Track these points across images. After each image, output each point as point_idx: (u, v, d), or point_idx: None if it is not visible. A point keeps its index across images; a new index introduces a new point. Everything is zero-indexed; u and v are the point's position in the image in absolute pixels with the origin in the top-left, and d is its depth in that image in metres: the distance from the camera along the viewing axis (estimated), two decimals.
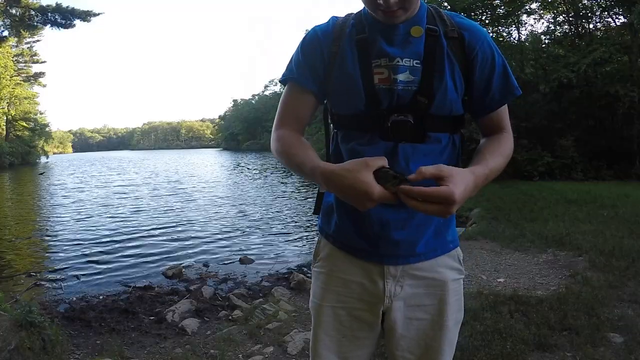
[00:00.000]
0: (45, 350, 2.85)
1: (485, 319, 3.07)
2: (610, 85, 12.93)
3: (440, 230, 1.07)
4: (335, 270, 1.10)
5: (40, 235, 8.78)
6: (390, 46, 0.98)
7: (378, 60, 0.98)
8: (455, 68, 0.99)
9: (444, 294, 1.07)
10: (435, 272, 1.06)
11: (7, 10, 24.85)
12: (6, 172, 31.87)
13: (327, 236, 1.14)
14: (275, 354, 2.89)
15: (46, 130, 52.76)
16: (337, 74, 1.02)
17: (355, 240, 1.06)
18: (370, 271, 1.06)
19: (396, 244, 1.02)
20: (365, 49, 0.99)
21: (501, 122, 1.07)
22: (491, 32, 16.76)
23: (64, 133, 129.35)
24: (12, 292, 4.93)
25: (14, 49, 40.07)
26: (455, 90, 0.99)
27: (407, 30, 0.98)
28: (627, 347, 2.59)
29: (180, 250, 7.09)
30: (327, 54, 1.02)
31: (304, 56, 1.05)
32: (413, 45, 0.98)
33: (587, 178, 12.91)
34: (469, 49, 1.00)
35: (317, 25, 1.07)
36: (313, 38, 1.05)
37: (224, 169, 29.93)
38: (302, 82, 1.05)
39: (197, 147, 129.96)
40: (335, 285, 1.10)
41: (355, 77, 0.99)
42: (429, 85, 0.97)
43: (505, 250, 5.27)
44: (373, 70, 0.98)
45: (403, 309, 1.07)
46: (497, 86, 1.02)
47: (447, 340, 1.09)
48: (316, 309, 1.13)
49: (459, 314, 1.11)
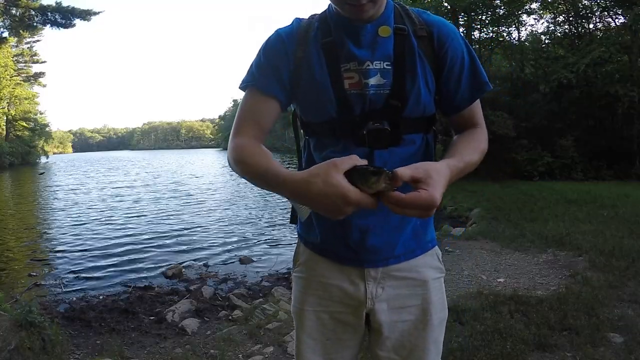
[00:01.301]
0: (45, 350, 2.85)
1: (485, 319, 3.07)
2: (610, 85, 12.94)
3: (418, 231, 1.06)
4: (315, 275, 1.09)
5: (40, 235, 8.78)
6: (358, 48, 0.94)
7: (347, 64, 0.94)
8: (426, 68, 0.96)
9: (427, 293, 1.06)
10: (415, 272, 1.06)
11: (7, 10, 24.84)
12: (6, 172, 31.89)
13: (305, 242, 1.12)
14: (275, 354, 2.89)
15: (46, 130, 52.77)
16: (305, 79, 0.97)
17: (335, 247, 1.05)
18: (351, 274, 1.05)
19: (376, 249, 1.01)
20: (334, 53, 0.95)
21: (473, 117, 1.04)
22: (491, 32, 16.77)
23: (64, 133, 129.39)
24: (12, 292, 4.93)
25: (14, 49, 40.08)
26: (428, 91, 0.96)
27: (375, 30, 0.94)
28: (627, 347, 2.59)
29: (180, 250, 7.10)
30: (293, 58, 0.97)
31: (267, 60, 0.99)
32: (382, 46, 0.94)
33: (587, 178, 12.92)
34: (439, 47, 0.97)
35: (280, 28, 1.01)
36: (277, 41, 0.99)
37: (224, 169, 29.93)
38: (265, 87, 0.98)
39: (197, 147, 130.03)
40: (315, 289, 1.08)
41: (324, 83, 0.95)
42: (402, 88, 0.94)
43: (505, 250, 5.27)
44: (343, 75, 0.94)
45: (387, 311, 1.06)
46: (466, 83, 0.99)
47: (432, 339, 1.08)
48: (298, 314, 1.12)
49: (442, 313, 1.10)
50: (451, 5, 15.58)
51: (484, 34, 16.96)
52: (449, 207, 9.40)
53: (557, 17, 16.96)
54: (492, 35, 16.80)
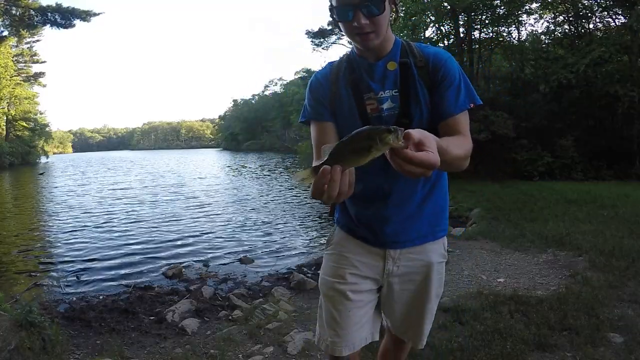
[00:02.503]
0: (45, 350, 2.85)
1: (485, 319, 3.07)
2: (610, 85, 12.92)
3: (432, 221, 1.38)
4: (344, 252, 1.42)
5: (40, 235, 8.78)
6: (373, 82, 1.27)
7: (368, 94, 1.27)
8: (424, 90, 1.25)
9: (430, 272, 1.40)
10: (425, 255, 1.40)
11: (7, 10, 24.84)
12: (6, 172, 31.88)
13: (341, 226, 1.46)
14: (275, 354, 2.89)
15: (46, 130, 52.66)
16: (339, 107, 1.30)
17: (362, 231, 1.39)
18: (375, 254, 1.39)
19: (394, 234, 1.35)
20: (357, 87, 1.28)
21: (457, 126, 1.24)
22: (491, 32, 16.76)
23: (64, 133, 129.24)
24: (12, 292, 4.93)
25: (14, 49, 40.02)
26: (428, 109, 1.25)
27: (385, 65, 1.26)
28: (627, 347, 2.59)
29: (180, 250, 7.09)
30: (329, 93, 1.31)
31: (314, 97, 1.34)
32: (389, 78, 1.26)
33: (587, 178, 12.91)
34: (433, 72, 1.25)
35: (317, 72, 1.38)
36: (317, 82, 1.35)
37: (224, 169, 29.93)
38: (319, 117, 1.32)
39: (197, 147, 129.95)
40: (343, 263, 1.40)
41: (352, 109, 1.28)
42: (407, 108, 1.24)
43: (505, 250, 5.27)
44: (365, 102, 1.26)
45: (398, 283, 1.41)
46: (450, 99, 1.23)
47: (429, 308, 1.44)
48: (326, 285, 1.43)
49: (439, 289, 1.46)
50: (451, 5, 15.57)
51: (484, 34, 16.95)
52: (449, 207, 9.39)
53: (557, 17, 16.95)
54: (492, 35, 16.78)
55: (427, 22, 17.35)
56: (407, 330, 1.50)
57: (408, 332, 1.50)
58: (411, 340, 1.51)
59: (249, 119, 73.55)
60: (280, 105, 60.22)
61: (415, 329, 1.47)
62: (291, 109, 51.03)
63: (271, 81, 71.99)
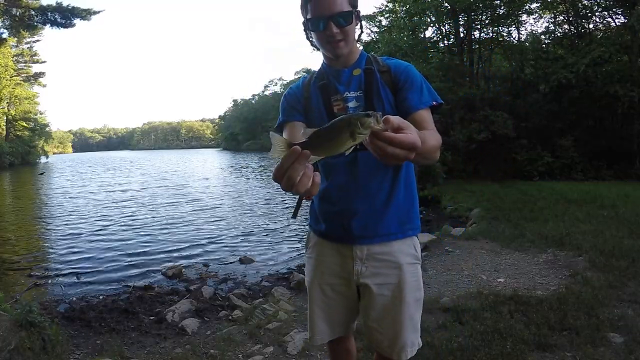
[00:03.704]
0: (45, 350, 2.85)
1: (485, 319, 3.07)
2: (610, 85, 12.92)
3: (403, 219, 1.43)
4: (319, 255, 1.52)
5: (40, 235, 8.78)
6: (340, 85, 1.42)
7: (335, 96, 1.42)
8: (387, 91, 1.38)
9: (402, 274, 1.42)
10: (392, 256, 1.42)
11: (7, 10, 24.84)
12: (6, 172, 31.88)
13: (313, 230, 1.56)
14: (275, 354, 2.89)
15: (46, 130, 52.69)
16: (309, 109, 1.46)
17: (333, 230, 1.47)
18: (343, 254, 1.46)
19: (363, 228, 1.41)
20: (326, 90, 1.43)
21: (424, 121, 1.33)
22: (491, 32, 16.76)
23: (64, 133, 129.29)
24: (12, 292, 4.93)
25: (14, 49, 40.04)
26: (390, 106, 1.37)
27: (351, 72, 1.43)
28: (627, 347, 2.59)
29: (180, 250, 7.09)
30: (302, 99, 1.47)
31: (287, 103, 1.49)
32: (354, 82, 1.42)
33: (587, 178, 12.91)
34: (395, 76, 1.39)
35: (292, 85, 1.55)
36: (290, 91, 1.52)
37: (224, 169, 29.93)
38: (291, 118, 1.46)
39: (197, 147, 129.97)
40: (320, 267, 1.51)
41: (321, 110, 1.43)
42: (371, 105, 1.36)
43: (505, 250, 5.27)
44: (332, 103, 1.41)
45: (371, 287, 1.43)
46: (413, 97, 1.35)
47: (408, 314, 1.42)
48: (309, 287, 1.55)
49: (417, 293, 1.45)
50: (451, 6, 15.58)
51: (484, 34, 16.95)
52: (449, 207, 9.40)
53: (557, 17, 16.95)
54: (492, 35, 16.78)
55: (427, 22, 17.36)
56: (383, 340, 1.45)
57: (384, 342, 1.45)
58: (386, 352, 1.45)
59: (249, 119, 73.55)
60: None
61: (392, 339, 1.43)
62: None
63: (271, 81, 72.07)
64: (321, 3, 1.31)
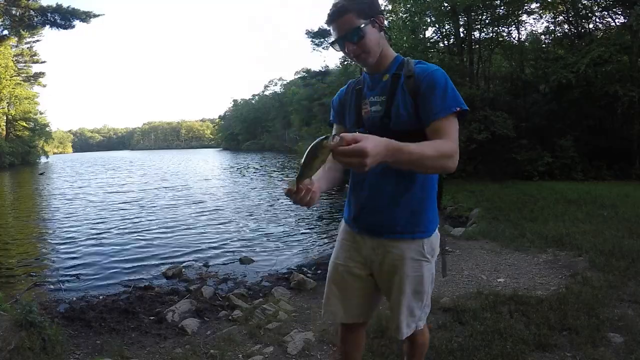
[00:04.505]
0: (45, 350, 2.85)
1: (485, 319, 3.07)
2: (610, 85, 12.90)
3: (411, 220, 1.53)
4: (343, 239, 1.71)
5: (40, 235, 8.78)
6: (369, 90, 1.56)
7: (364, 100, 1.56)
8: (407, 97, 1.44)
9: (404, 266, 1.54)
10: (399, 249, 1.54)
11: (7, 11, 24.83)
12: (6, 172, 31.88)
13: (344, 218, 1.74)
14: (275, 354, 2.89)
15: (46, 130, 52.63)
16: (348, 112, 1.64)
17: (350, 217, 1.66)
18: (359, 241, 1.63)
19: (368, 224, 1.58)
20: (358, 95, 1.59)
21: (441, 130, 1.36)
22: (491, 32, 16.75)
23: (64, 133, 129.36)
24: (12, 292, 4.93)
25: (14, 49, 40.02)
26: (407, 112, 1.43)
27: (381, 78, 1.52)
28: (627, 347, 2.59)
29: (180, 250, 7.09)
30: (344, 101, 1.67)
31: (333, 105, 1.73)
32: (381, 87, 1.51)
33: (587, 178, 12.90)
34: (417, 82, 1.43)
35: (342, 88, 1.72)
36: (338, 95, 1.72)
37: (224, 169, 29.92)
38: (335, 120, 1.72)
39: (197, 147, 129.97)
40: (341, 248, 1.70)
41: (352, 112, 1.61)
42: (389, 111, 1.47)
43: (505, 250, 5.27)
44: (362, 107, 1.56)
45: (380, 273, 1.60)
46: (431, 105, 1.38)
47: (406, 304, 1.57)
48: (330, 265, 1.73)
49: (418, 286, 1.57)
50: (451, 6, 15.57)
51: (484, 34, 16.94)
52: (449, 207, 9.40)
53: (557, 17, 16.94)
54: (492, 35, 16.77)
55: (427, 23, 17.35)
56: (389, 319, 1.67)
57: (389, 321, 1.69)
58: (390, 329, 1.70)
59: (249, 119, 73.60)
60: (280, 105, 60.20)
61: (393, 318, 1.62)
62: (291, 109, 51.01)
63: (271, 81, 72.19)
64: (335, 26, 1.43)
